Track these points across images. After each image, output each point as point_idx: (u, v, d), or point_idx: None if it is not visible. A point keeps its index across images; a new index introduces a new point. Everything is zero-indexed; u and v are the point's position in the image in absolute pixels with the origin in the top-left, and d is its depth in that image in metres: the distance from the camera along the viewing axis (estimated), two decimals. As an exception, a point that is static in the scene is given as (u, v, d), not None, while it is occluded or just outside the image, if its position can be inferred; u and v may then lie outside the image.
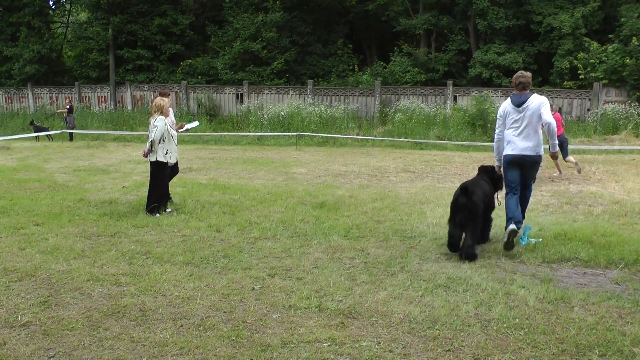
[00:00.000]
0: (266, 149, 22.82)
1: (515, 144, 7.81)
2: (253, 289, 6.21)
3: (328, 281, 6.42)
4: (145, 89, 33.21)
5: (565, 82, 27.99)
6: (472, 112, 24.54)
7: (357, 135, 25.14)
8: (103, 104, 34.25)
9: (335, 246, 7.83)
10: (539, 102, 7.74)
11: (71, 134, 26.61)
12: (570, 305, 5.81)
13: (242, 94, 31.32)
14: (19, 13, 36.46)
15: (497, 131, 8.15)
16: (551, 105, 13.32)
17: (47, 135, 26.76)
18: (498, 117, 8.13)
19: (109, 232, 8.68)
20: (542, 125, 7.76)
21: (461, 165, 16.98)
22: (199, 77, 33.78)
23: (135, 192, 12.12)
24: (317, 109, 27.27)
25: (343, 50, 34.36)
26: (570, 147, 20.29)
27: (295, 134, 24.20)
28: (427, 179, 14.41)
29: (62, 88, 35.55)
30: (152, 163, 10.00)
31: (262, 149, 22.82)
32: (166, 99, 10.20)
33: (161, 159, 9.95)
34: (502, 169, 8.17)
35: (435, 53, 32.35)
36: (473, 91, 27.40)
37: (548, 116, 7.68)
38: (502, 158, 8.06)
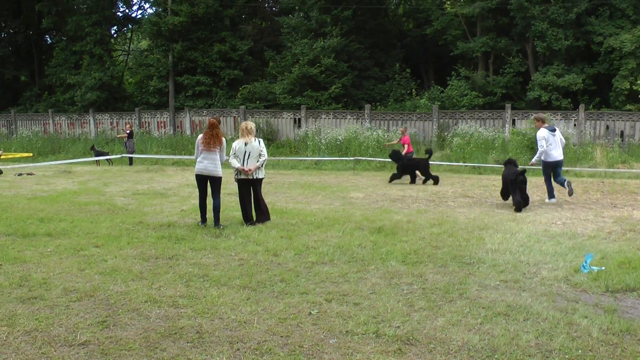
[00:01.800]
0: (324, 173, 22.89)
1: (555, 154, 13.96)
2: (310, 313, 6.21)
3: (385, 307, 6.37)
4: (204, 114, 33.83)
5: (626, 106, 27.32)
6: (531, 135, 24.11)
7: (415, 159, 24.99)
8: (162, 129, 35.02)
9: (393, 271, 7.78)
10: (559, 131, 14.29)
11: (131, 159, 27.24)
12: (636, 337, 5.60)
13: (299, 119, 31.60)
14: (82, 42, 37.79)
15: (543, 147, 13.77)
16: (404, 131, 21.97)
17: (107, 159, 27.48)
18: (543, 138, 13.76)
19: (167, 254, 8.82)
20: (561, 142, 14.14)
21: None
22: (257, 102, 34.21)
23: (193, 215, 12.30)
24: (374, 133, 27.28)
25: (400, 74, 34.37)
26: (633, 170, 19.79)
27: (353, 158, 24.24)
28: (486, 204, 14.21)
29: (123, 114, 36.49)
30: (258, 180, 11.50)
31: (319, 173, 22.91)
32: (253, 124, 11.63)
33: (263, 176, 11.67)
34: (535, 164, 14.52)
35: (493, 76, 32.07)
36: (532, 114, 26.92)
37: (563, 138, 14.31)
38: (540, 160, 14.06)
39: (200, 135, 11.32)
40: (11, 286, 7.25)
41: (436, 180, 18.68)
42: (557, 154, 13.98)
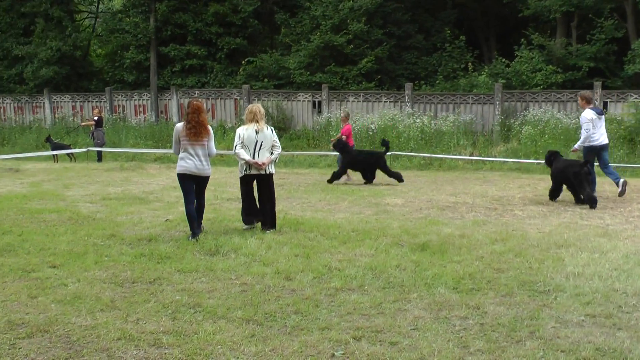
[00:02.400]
0: (351, 172, 22.87)
1: (602, 138, 15.87)
2: (333, 355, 6.21)
3: (431, 348, 6.35)
4: (196, 95, 33.91)
5: None
6: (630, 123, 23.95)
7: (471, 155, 24.95)
8: (142, 114, 35.19)
9: (441, 301, 7.76)
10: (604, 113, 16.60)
11: (99, 153, 27.42)
12: None
13: (320, 102, 31.64)
14: (34, 1, 37.53)
15: (589, 131, 15.57)
16: (345, 118, 21.98)
17: (68, 154, 27.69)
18: (590, 121, 15.54)
19: (147, 277, 8.86)
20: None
21: (613, 194, 16.55)
22: (265, 79, 34.28)
23: (182, 227, 12.34)
24: (417, 120, 27.23)
25: (452, 43, 34.22)
26: None
27: (390, 153, 24.18)
28: (566, 213, 14.14)
29: (89, 95, 36.78)
30: (271, 176, 12.36)
31: (344, 173, 22.92)
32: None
33: (275, 171, 12.58)
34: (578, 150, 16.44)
35: (577, 45, 31.76)
36: (632, 95, 26.74)
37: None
38: (584, 145, 15.88)
39: (180, 125, 11.54)
40: None
41: (370, 180, 19.96)
42: (602, 138, 15.94)
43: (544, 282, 8.58)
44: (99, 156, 27.42)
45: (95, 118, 28.18)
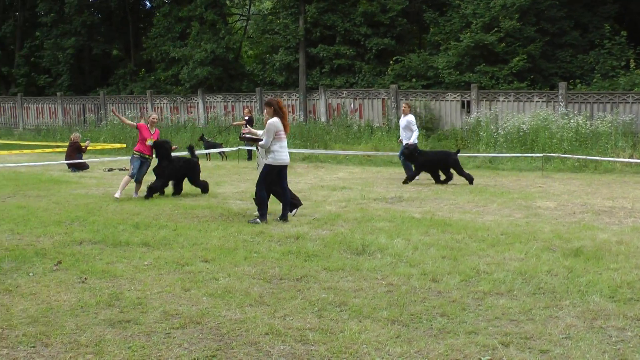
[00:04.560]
0: (500, 174, 22.59)
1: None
2: (480, 360, 6.15)
3: (585, 358, 6.18)
4: (344, 95, 34.21)
5: None
6: None
7: (631, 157, 24.10)
8: (290, 114, 35.68)
9: (596, 310, 7.53)
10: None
11: (250, 152, 28.03)
12: None
13: (469, 102, 31.32)
14: (190, 6, 38.98)
15: (417, 131, 20.50)
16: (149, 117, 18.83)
17: (220, 152, 28.44)
18: (415, 124, 20.44)
19: (294, 274, 9.01)
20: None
21: None
22: (414, 79, 34.11)
23: (329, 225, 12.50)
24: (572, 121, 26.54)
25: (611, 39, 33.07)
26: None
27: (542, 155, 23.71)
28: None
29: (240, 95, 37.63)
30: None
31: (495, 174, 22.64)
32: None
33: None
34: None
35: None
36: None
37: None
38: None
39: (277, 120, 13.04)
40: (99, 305, 7.69)
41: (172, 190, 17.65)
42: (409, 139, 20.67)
43: None
44: (249, 155, 28.02)
45: (246, 118, 28.78)
